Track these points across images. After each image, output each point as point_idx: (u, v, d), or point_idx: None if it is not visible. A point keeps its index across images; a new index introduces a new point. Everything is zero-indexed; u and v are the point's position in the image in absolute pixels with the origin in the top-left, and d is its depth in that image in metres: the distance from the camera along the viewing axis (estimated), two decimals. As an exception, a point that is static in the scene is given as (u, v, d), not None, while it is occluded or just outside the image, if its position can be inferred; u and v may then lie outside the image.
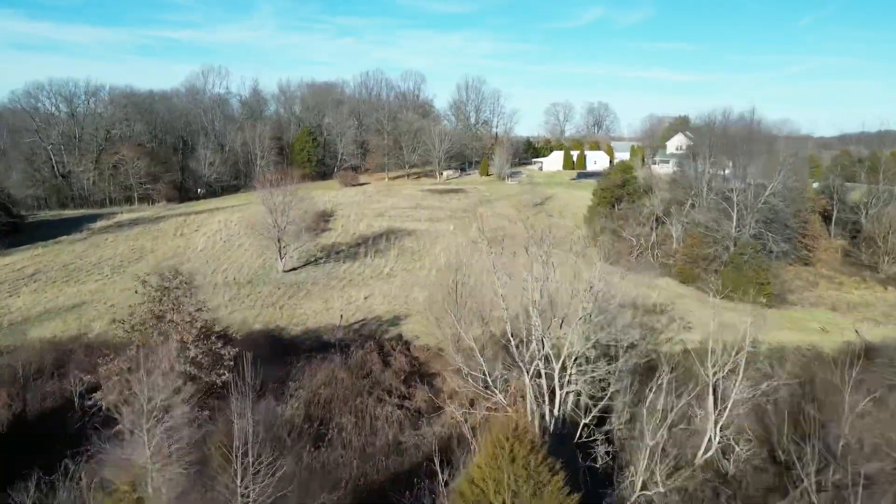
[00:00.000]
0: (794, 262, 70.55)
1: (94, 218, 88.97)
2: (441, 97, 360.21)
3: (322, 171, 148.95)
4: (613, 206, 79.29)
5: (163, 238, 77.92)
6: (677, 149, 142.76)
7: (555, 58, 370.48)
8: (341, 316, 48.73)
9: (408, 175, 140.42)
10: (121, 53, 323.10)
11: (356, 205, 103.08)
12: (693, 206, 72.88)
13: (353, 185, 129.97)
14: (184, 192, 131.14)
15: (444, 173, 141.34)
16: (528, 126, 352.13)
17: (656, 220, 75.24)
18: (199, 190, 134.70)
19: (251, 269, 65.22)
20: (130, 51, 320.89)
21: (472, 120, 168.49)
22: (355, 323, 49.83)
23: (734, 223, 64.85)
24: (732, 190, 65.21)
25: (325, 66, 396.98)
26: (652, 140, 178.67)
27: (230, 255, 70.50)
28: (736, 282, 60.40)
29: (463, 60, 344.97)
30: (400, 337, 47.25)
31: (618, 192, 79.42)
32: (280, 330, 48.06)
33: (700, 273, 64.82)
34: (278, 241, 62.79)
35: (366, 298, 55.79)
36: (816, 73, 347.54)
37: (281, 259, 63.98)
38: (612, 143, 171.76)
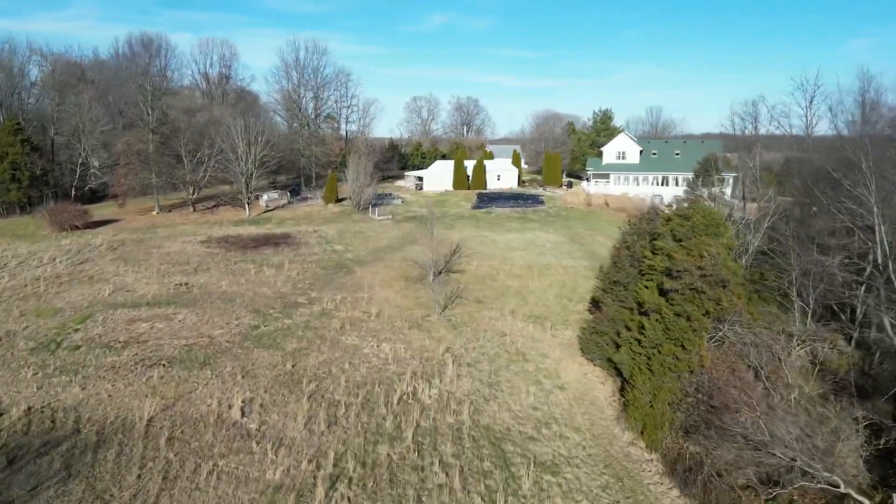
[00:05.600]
0: None
1: None
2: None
3: (56, 194, 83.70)
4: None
5: None
6: (619, 157, 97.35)
7: (404, 61, 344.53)
8: None
9: (194, 205, 79.66)
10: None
11: (33, 297, 42.13)
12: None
13: (80, 228, 67.47)
14: None
15: (264, 198, 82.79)
16: (386, 127, 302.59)
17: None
18: None
19: None
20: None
21: (310, 112, 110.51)
22: None
23: None
24: None
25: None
26: (550, 143, 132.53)
27: None
28: None
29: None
30: None
31: (712, 290, 27.60)
32: None
33: None
34: None
35: None
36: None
37: None
38: (516, 148, 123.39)
